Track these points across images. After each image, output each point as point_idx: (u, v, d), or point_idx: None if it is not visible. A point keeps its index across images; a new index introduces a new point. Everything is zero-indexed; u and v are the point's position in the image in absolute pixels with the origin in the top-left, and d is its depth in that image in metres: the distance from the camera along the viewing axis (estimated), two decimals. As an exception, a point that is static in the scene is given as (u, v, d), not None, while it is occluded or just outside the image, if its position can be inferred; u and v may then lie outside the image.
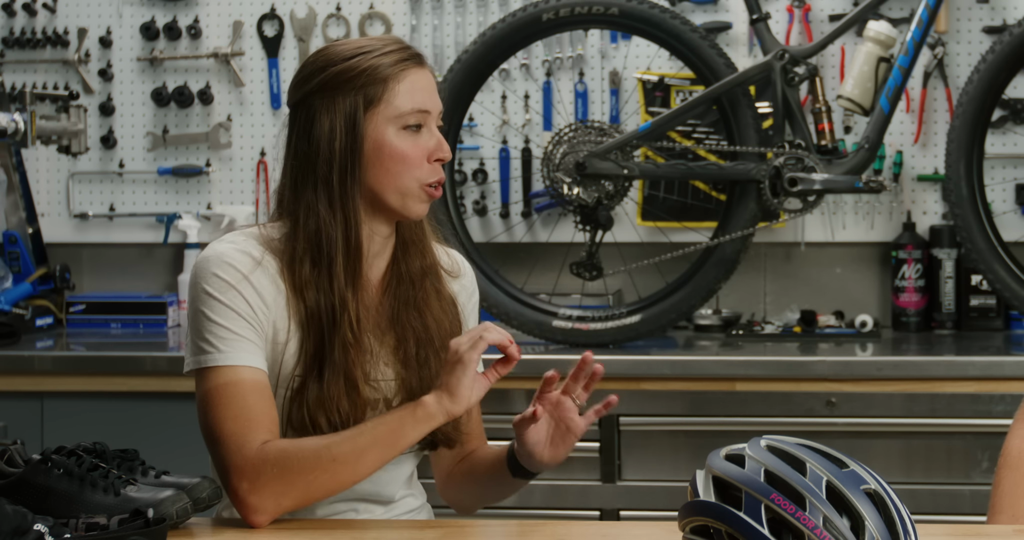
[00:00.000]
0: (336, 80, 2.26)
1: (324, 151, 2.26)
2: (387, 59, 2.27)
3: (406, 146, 2.27)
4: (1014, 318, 3.97)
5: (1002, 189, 4.04)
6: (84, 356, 3.76)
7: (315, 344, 2.25)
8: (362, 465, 2.17)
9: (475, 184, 4.20)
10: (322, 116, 2.26)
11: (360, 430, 2.19)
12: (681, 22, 3.75)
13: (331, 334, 2.24)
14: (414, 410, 2.18)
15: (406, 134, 2.28)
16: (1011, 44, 3.66)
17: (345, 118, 2.25)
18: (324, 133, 2.25)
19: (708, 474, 1.83)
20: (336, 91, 2.26)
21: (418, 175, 2.28)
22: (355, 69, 2.25)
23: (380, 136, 2.26)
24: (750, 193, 3.75)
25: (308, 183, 2.27)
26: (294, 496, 2.16)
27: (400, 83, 2.27)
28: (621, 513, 3.56)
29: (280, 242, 2.29)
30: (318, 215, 2.25)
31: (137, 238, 4.35)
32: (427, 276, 2.36)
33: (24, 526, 1.88)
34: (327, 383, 2.23)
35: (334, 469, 2.16)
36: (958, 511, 3.43)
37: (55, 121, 4.17)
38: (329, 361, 2.24)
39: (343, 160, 2.25)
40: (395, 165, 2.27)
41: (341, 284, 2.25)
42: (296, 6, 4.27)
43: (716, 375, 3.55)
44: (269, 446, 2.17)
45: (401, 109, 2.26)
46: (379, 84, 2.26)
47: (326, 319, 2.24)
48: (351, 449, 2.17)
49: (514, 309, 3.81)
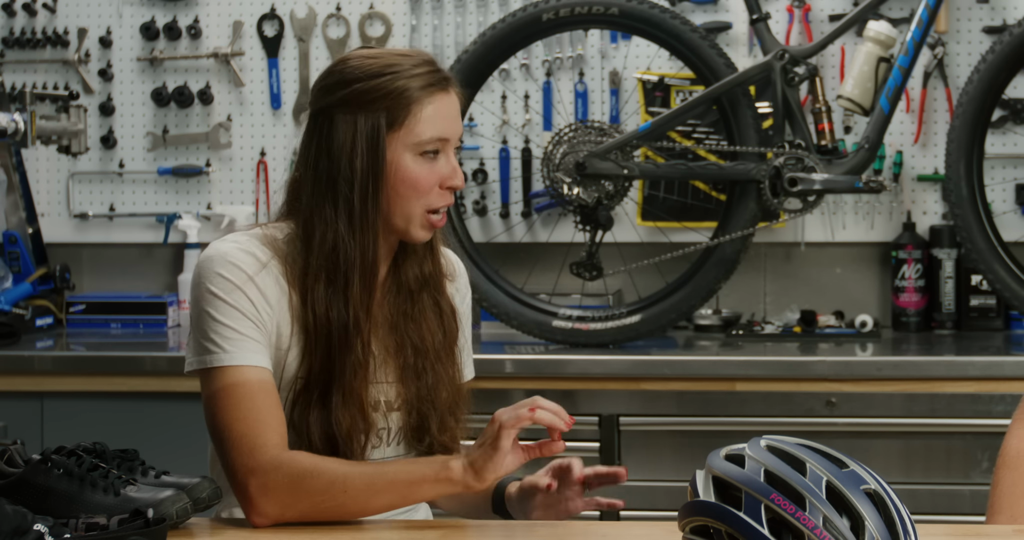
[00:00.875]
0: (361, 98, 2.23)
1: (345, 169, 2.23)
2: (415, 82, 2.24)
3: (421, 172, 2.25)
4: (1014, 318, 3.97)
5: (1002, 189, 4.04)
6: (84, 356, 3.76)
7: (321, 360, 2.24)
8: (371, 505, 2.17)
9: (475, 184, 4.20)
10: (343, 131, 2.23)
11: (380, 471, 2.18)
12: (681, 22, 3.75)
13: (342, 353, 2.23)
14: (438, 472, 2.15)
15: (423, 160, 2.26)
16: (1011, 44, 3.66)
17: (367, 138, 2.22)
18: (345, 149, 2.23)
19: (708, 474, 1.83)
20: (360, 109, 2.23)
21: (426, 201, 2.26)
22: (381, 89, 2.22)
23: (397, 160, 2.24)
24: (750, 193, 3.75)
25: (327, 199, 2.24)
26: (299, 511, 2.16)
27: (424, 109, 2.24)
28: (621, 513, 3.56)
29: (283, 242, 2.28)
30: (336, 232, 2.23)
31: (137, 238, 4.35)
32: (425, 286, 2.35)
33: (24, 526, 1.88)
34: (335, 405, 2.22)
35: (343, 501, 2.16)
36: (958, 511, 3.43)
37: (55, 121, 4.17)
38: (338, 383, 2.23)
39: (364, 181, 2.23)
40: (406, 190, 2.25)
41: (356, 304, 2.23)
42: (296, 6, 4.27)
43: (716, 375, 3.55)
44: (286, 456, 2.17)
45: (421, 137, 2.24)
46: (403, 108, 2.23)
47: (338, 338, 2.23)
48: (365, 486, 2.16)
49: (514, 309, 3.81)
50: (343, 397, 2.23)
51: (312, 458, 2.20)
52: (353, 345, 2.23)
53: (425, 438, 2.33)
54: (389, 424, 2.32)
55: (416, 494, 2.17)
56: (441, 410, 2.33)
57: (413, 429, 2.33)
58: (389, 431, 2.32)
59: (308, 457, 2.20)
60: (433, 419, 2.32)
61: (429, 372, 2.32)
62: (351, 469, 2.18)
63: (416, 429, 2.33)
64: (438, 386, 2.33)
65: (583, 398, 3.57)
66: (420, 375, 2.31)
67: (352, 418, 2.24)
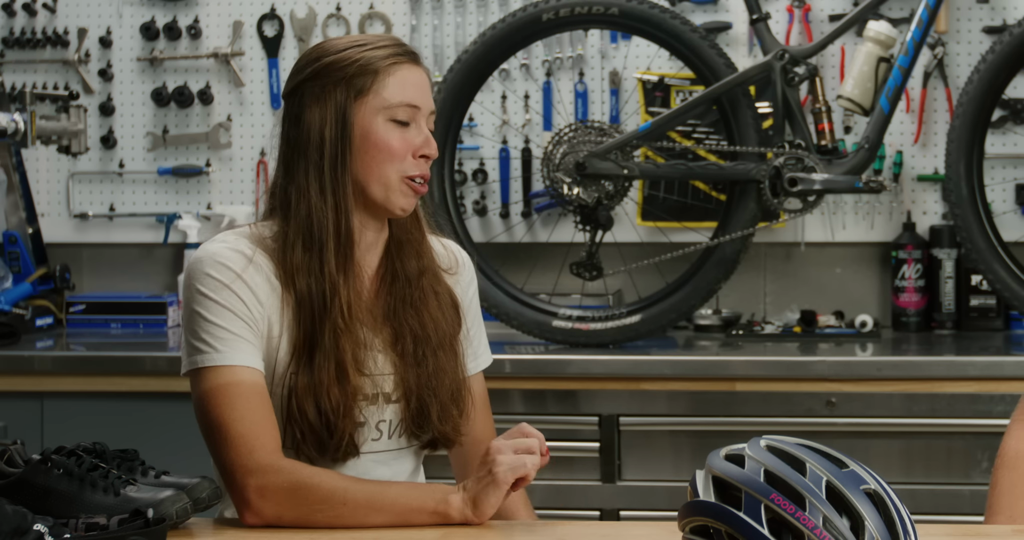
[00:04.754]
0: (328, 70, 2.28)
1: (315, 138, 2.27)
2: (380, 52, 2.29)
3: (392, 138, 2.28)
4: (1014, 318, 3.97)
5: (1002, 189, 4.04)
6: (84, 356, 3.76)
7: (305, 330, 2.25)
8: (367, 521, 2.17)
9: (475, 184, 4.20)
10: (312, 104, 2.28)
11: (381, 489, 2.19)
12: (681, 22, 3.75)
13: (321, 319, 2.25)
14: (437, 503, 2.17)
15: (393, 126, 2.29)
16: (1011, 44, 3.66)
17: (335, 106, 2.27)
18: (315, 121, 2.27)
19: (708, 474, 1.83)
20: (327, 80, 2.28)
21: (400, 168, 2.29)
22: (347, 60, 2.28)
23: (367, 125, 2.28)
24: (750, 193, 3.75)
25: (299, 169, 2.28)
26: (295, 516, 2.17)
27: (391, 76, 2.28)
28: (621, 513, 3.56)
29: (272, 240, 2.29)
30: (309, 200, 2.27)
31: (137, 238, 4.35)
32: (423, 276, 2.36)
33: (24, 526, 1.88)
34: (317, 368, 2.24)
35: (339, 512, 2.16)
36: (958, 511, 3.43)
37: (55, 121, 4.17)
38: (320, 346, 2.24)
39: (333, 147, 2.27)
40: (379, 155, 2.28)
41: (332, 269, 2.26)
42: (296, 6, 4.27)
43: (716, 375, 3.55)
44: (286, 462, 2.18)
45: (389, 101, 2.28)
46: (369, 75, 2.28)
47: (317, 304, 2.25)
48: (364, 502, 2.16)
49: (514, 309, 3.81)
50: (326, 360, 2.24)
51: (313, 468, 2.21)
52: (331, 309, 2.24)
53: (426, 427, 2.33)
54: (389, 416, 2.32)
55: (413, 520, 2.18)
56: (442, 398, 2.33)
57: (413, 418, 2.32)
58: (389, 423, 2.32)
59: (309, 467, 2.21)
60: (434, 407, 2.32)
61: (430, 359, 2.32)
62: (352, 484, 2.19)
63: (416, 418, 2.32)
64: (439, 374, 2.33)
65: (583, 398, 3.57)
66: (420, 362, 2.32)
67: (340, 385, 2.24)
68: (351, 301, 2.27)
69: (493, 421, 2.49)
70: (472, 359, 2.45)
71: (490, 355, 2.51)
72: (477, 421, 2.42)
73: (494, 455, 2.16)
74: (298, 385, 2.24)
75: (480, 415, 2.44)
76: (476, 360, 2.46)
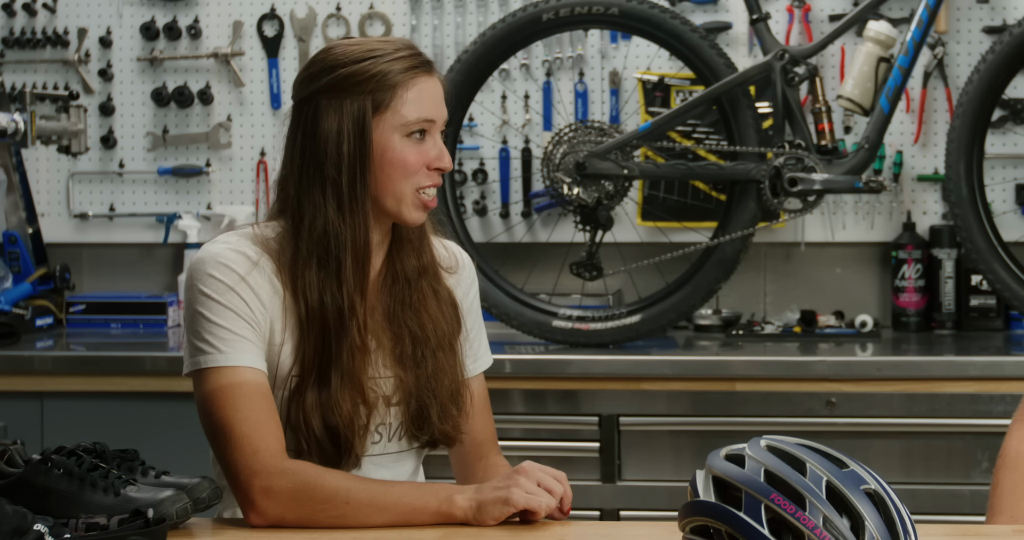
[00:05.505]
0: (345, 82, 2.25)
1: (332, 153, 2.25)
2: (397, 65, 2.26)
3: (408, 153, 2.27)
4: (1014, 318, 3.97)
5: (1002, 189, 4.04)
6: (84, 356, 3.76)
7: (316, 346, 2.25)
8: (370, 520, 2.17)
9: (475, 184, 4.20)
10: (329, 116, 2.25)
11: (385, 489, 2.19)
12: (681, 22, 3.75)
13: (339, 338, 2.24)
14: (440, 503, 2.17)
15: (409, 141, 2.27)
16: (1011, 44, 3.66)
17: (353, 121, 2.24)
18: (331, 134, 2.25)
19: (708, 474, 1.83)
20: (344, 93, 2.25)
21: (415, 181, 2.28)
22: (365, 73, 2.25)
23: (385, 142, 2.26)
24: (750, 193, 3.75)
25: (315, 184, 2.26)
26: (299, 516, 2.17)
27: (408, 91, 2.26)
28: (621, 513, 3.56)
29: (275, 241, 2.28)
30: (326, 216, 2.25)
31: (137, 238, 4.35)
32: (423, 276, 2.36)
33: (24, 526, 1.88)
34: (334, 388, 2.23)
35: (343, 512, 2.16)
36: (958, 511, 3.43)
37: (55, 121, 4.17)
38: (336, 366, 2.23)
39: (352, 164, 2.25)
40: (394, 171, 2.27)
41: (351, 287, 2.25)
42: (296, 6, 4.27)
43: (716, 375, 3.55)
44: (291, 463, 2.18)
45: (407, 118, 2.26)
46: (388, 90, 2.25)
47: (333, 322, 2.24)
48: (367, 501, 2.17)
49: (514, 309, 3.81)
50: (342, 380, 2.24)
51: (317, 468, 2.21)
52: (349, 328, 2.24)
53: (426, 428, 2.33)
54: (389, 419, 2.32)
55: (416, 519, 2.18)
56: (442, 398, 2.33)
57: (413, 419, 2.32)
58: (389, 427, 2.32)
59: (313, 467, 2.21)
60: (434, 407, 2.32)
61: (429, 360, 2.32)
62: (355, 483, 2.19)
63: (416, 420, 2.32)
64: (439, 374, 2.33)
65: (583, 398, 3.57)
66: (420, 363, 2.32)
67: (352, 401, 2.24)
68: (367, 319, 2.27)
69: (494, 422, 2.49)
70: (473, 360, 2.44)
71: (490, 356, 2.51)
72: (477, 421, 2.42)
73: (521, 475, 2.18)
74: (306, 400, 2.24)
75: (480, 416, 2.44)
76: (477, 361, 2.46)
